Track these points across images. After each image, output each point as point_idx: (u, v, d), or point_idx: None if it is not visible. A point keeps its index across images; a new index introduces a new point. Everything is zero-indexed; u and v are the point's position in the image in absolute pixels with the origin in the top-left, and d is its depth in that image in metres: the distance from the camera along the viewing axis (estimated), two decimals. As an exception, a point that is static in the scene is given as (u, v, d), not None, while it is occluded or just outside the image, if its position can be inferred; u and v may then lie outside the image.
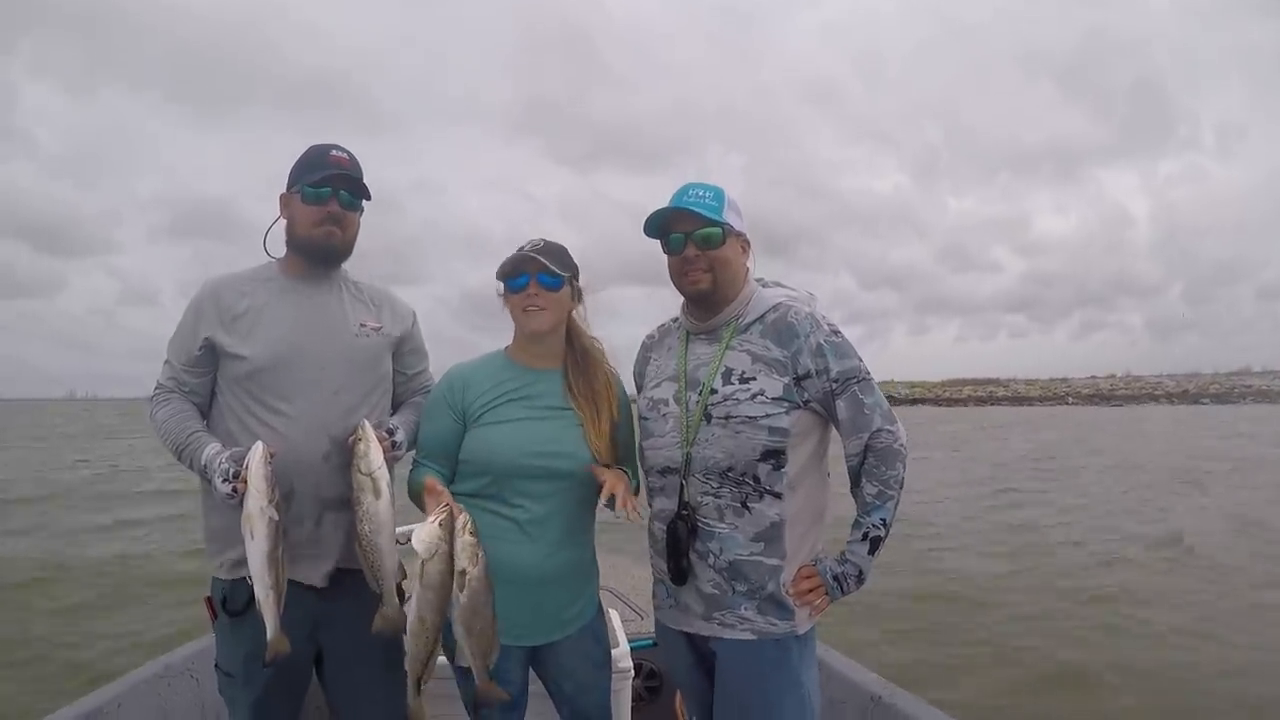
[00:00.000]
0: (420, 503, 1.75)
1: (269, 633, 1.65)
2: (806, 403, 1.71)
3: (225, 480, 1.66)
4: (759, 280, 1.86)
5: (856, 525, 1.71)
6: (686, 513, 1.73)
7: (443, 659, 1.74)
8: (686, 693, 1.95)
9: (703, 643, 1.78)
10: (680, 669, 1.89)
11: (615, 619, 2.52)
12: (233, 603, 1.78)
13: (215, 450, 1.73)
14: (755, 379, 1.70)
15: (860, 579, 1.71)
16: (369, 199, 1.89)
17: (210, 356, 1.82)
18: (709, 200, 1.74)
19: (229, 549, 1.78)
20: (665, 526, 1.76)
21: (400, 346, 2.00)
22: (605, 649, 1.95)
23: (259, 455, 1.62)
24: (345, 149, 1.86)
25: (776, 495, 1.69)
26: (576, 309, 1.90)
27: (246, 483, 1.61)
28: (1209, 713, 4.92)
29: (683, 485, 1.74)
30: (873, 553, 1.69)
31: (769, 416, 1.68)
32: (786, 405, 1.69)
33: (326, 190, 1.82)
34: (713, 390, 1.72)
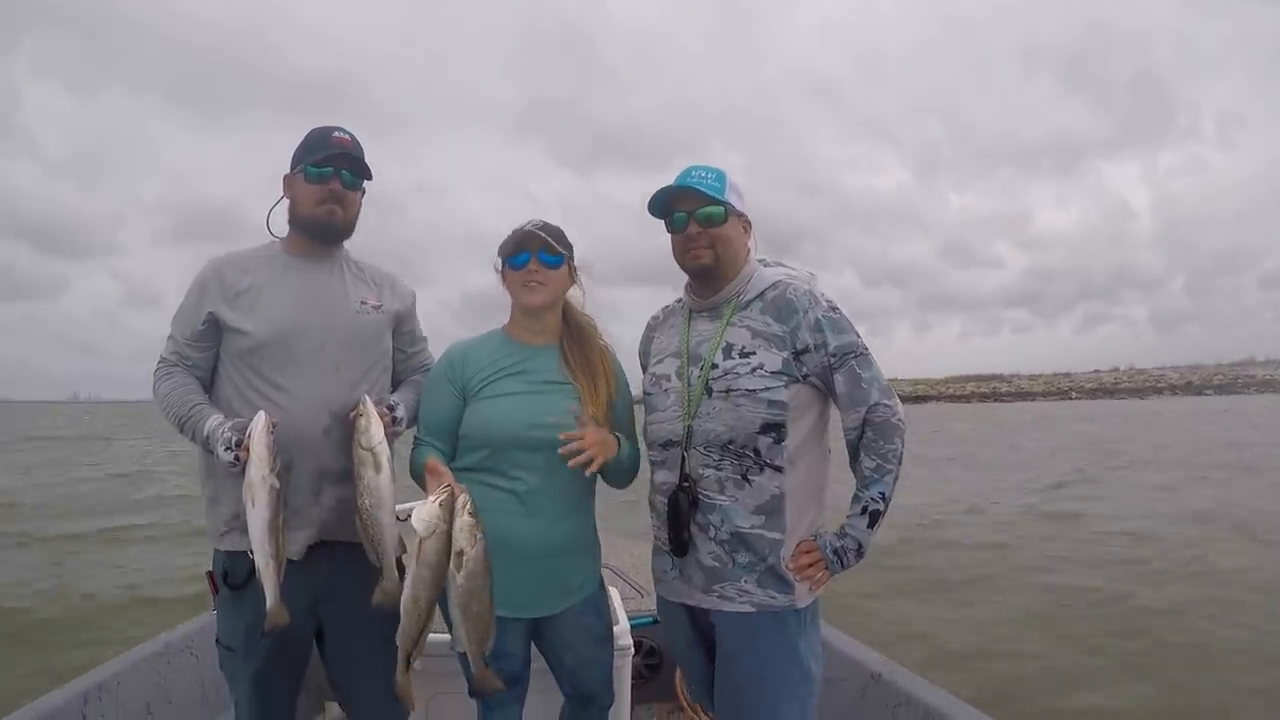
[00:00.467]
0: (423, 482, 1.76)
1: (269, 602, 1.67)
2: (805, 377, 1.73)
3: (228, 448, 1.69)
4: (760, 260, 1.88)
5: (856, 500, 1.72)
6: (688, 484, 1.75)
7: (446, 636, 1.75)
8: (686, 667, 1.96)
9: (702, 616, 1.80)
10: (680, 643, 1.91)
11: (615, 597, 2.54)
12: (234, 576, 1.79)
13: (218, 421, 1.75)
14: (755, 353, 1.72)
15: (860, 553, 1.72)
16: (370, 179, 1.92)
17: (213, 331, 1.84)
18: (711, 180, 1.78)
19: (230, 519, 1.79)
20: (667, 499, 1.78)
21: (400, 325, 2.03)
22: (607, 623, 1.97)
23: (262, 424, 1.65)
24: (347, 130, 1.89)
25: (777, 469, 1.71)
26: (572, 289, 1.94)
27: (249, 451, 1.64)
28: None
29: (684, 458, 1.76)
30: (872, 526, 1.71)
31: (768, 390, 1.70)
32: (785, 379, 1.71)
33: (329, 170, 1.84)
34: (714, 365, 1.75)
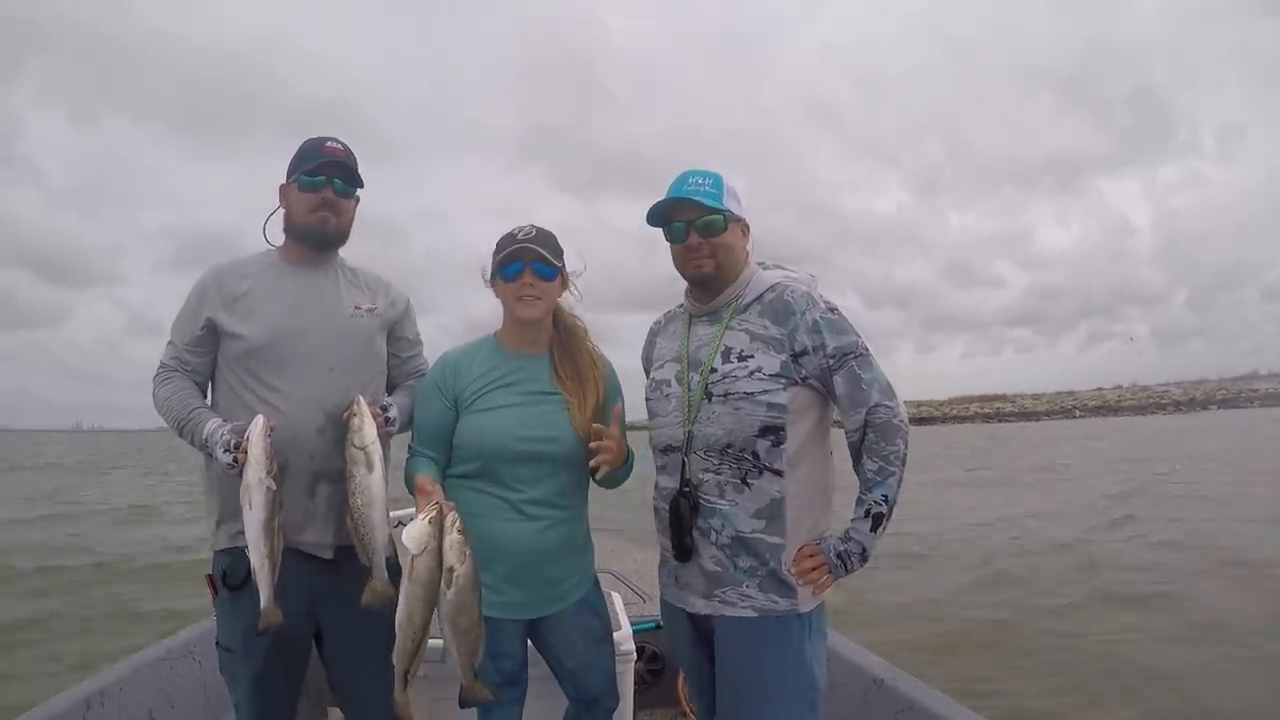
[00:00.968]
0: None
1: (263, 601, 1.69)
2: (804, 379, 1.71)
3: (226, 450, 1.72)
4: (759, 263, 1.89)
5: (859, 503, 1.70)
6: (688, 489, 1.74)
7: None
8: (688, 672, 1.94)
9: (704, 622, 1.78)
10: (682, 648, 1.89)
11: (618, 601, 2.52)
12: (232, 576, 1.82)
13: (216, 424, 1.79)
14: (753, 356, 1.72)
15: (864, 557, 1.70)
16: (362, 186, 1.96)
17: (211, 337, 1.89)
18: (709, 188, 1.78)
19: (228, 520, 1.82)
20: (668, 504, 1.77)
21: (394, 329, 2.06)
22: (605, 624, 1.98)
23: (259, 427, 1.68)
24: (340, 140, 1.93)
25: (776, 472, 1.70)
26: (564, 294, 1.95)
27: (247, 453, 1.66)
28: None
29: (684, 463, 1.76)
30: (875, 530, 1.68)
31: (766, 393, 1.69)
32: (784, 381, 1.70)
33: (321, 178, 1.88)
34: (713, 369, 1.74)
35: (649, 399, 1.91)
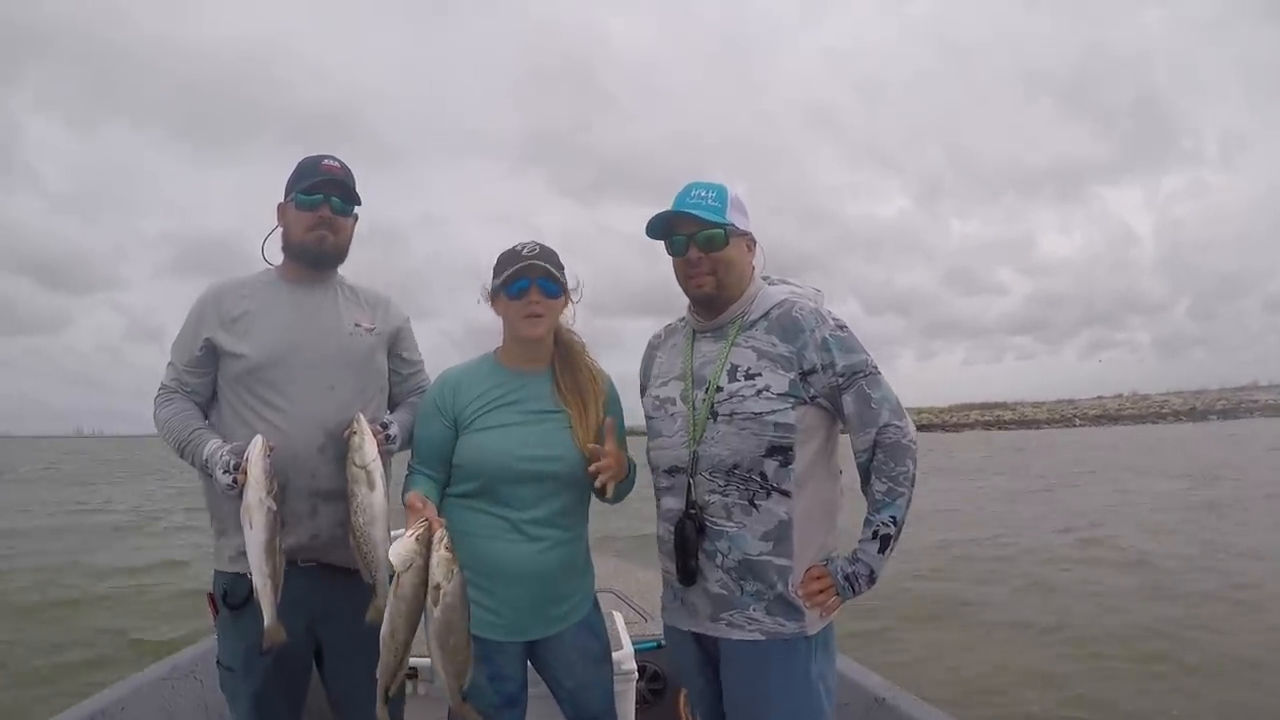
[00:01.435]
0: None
1: (266, 621, 1.69)
2: (813, 398, 1.69)
3: (226, 471, 1.72)
4: (765, 278, 1.86)
5: (867, 524, 1.68)
6: (694, 512, 1.71)
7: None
8: (693, 694, 1.92)
9: (710, 643, 1.76)
10: (688, 670, 1.86)
11: (619, 621, 2.51)
12: (233, 596, 1.82)
13: (216, 445, 1.79)
14: (761, 375, 1.69)
15: (872, 579, 1.68)
16: (360, 204, 1.96)
17: (211, 357, 1.89)
18: (711, 201, 1.74)
19: (230, 541, 1.82)
20: (673, 527, 1.74)
21: (394, 347, 2.06)
22: (604, 645, 1.97)
23: (259, 448, 1.68)
24: (337, 158, 1.93)
25: (784, 493, 1.67)
26: (564, 310, 1.93)
27: (246, 474, 1.67)
28: None
29: (690, 484, 1.72)
30: (883, 551, 1.66)
31: (775, 412, 1.66)
32: (792, 401, 1.67)
33: (319, 197, 1.88)
34: (719, 388, 1.71)
35: (651, 417, 1.87)
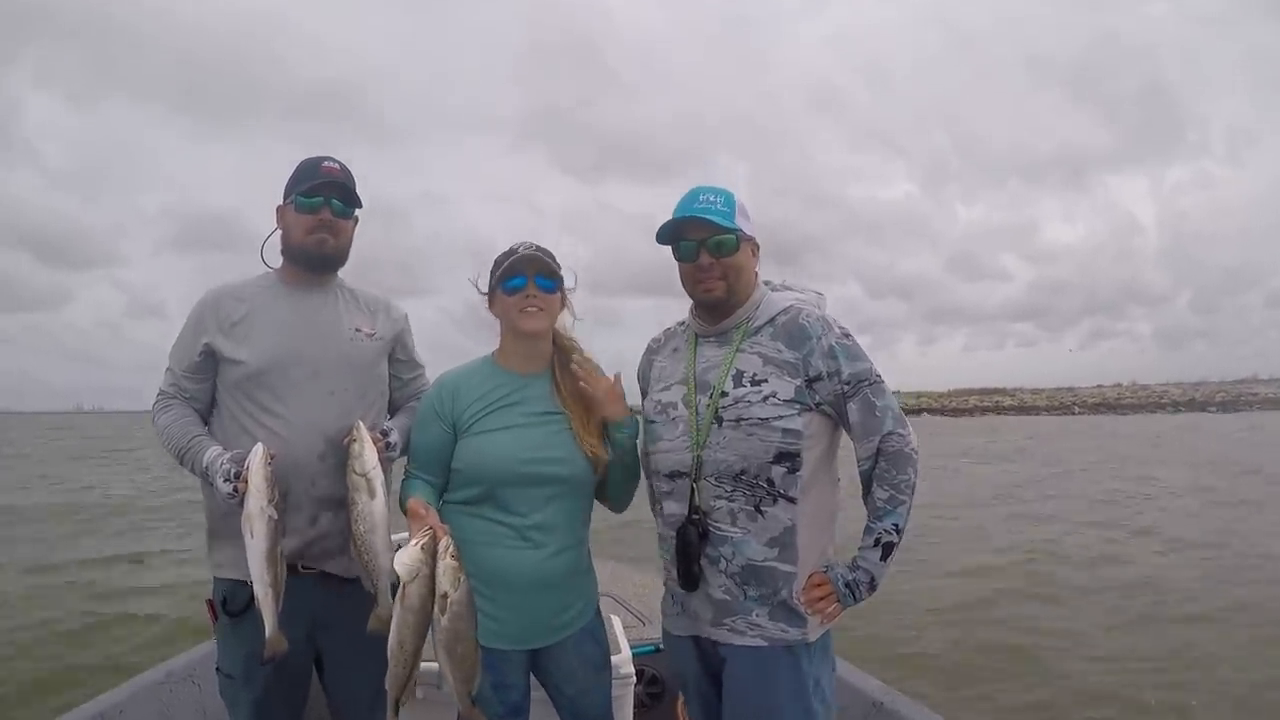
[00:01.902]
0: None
1: (267, 630, 1.68)
2: (818, 405, 1.69)
3: (226, 480, 1.70)
4: (767, 283, 1.86)
5: (868, 531, 1.69)
6: (698, 517, 1.71)
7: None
8: (693, 699, 1.92)
9: (711, 648, 1.76)
10: (688, 675, 1.87)
11: (617, 625, 2.52)
12: (233, 603, 1.81)
13: (216, 453, 1.77)
14: (767, 381, 1.69)
15: (872, 586, 1.69)
16: (360, 207, 1.94)
17: (209, 363, 1.87)
18: (720, 206, 1.74)
19: (229, 546, 1.81)
20: (675, 532, 1.74)
21: (395, 350, 2.04)
22: (604, 651, 1.96)
23: (259, 456, 1.66)
24: (337, 160, 1.91)
25: (790, 499, 1.68)
26: (562, 313, 1.92)
27: (247, 483, 1.65)
28: None
29: (693, 489, 1.72)
30: (885, 559, 1.67)
31: (781, 419, 1.66)
32: (798, 407, 1.67)
33: (319, 199, 1.87)
34: (723, 393, 1.71)
35: (652, 421, 1.85)
